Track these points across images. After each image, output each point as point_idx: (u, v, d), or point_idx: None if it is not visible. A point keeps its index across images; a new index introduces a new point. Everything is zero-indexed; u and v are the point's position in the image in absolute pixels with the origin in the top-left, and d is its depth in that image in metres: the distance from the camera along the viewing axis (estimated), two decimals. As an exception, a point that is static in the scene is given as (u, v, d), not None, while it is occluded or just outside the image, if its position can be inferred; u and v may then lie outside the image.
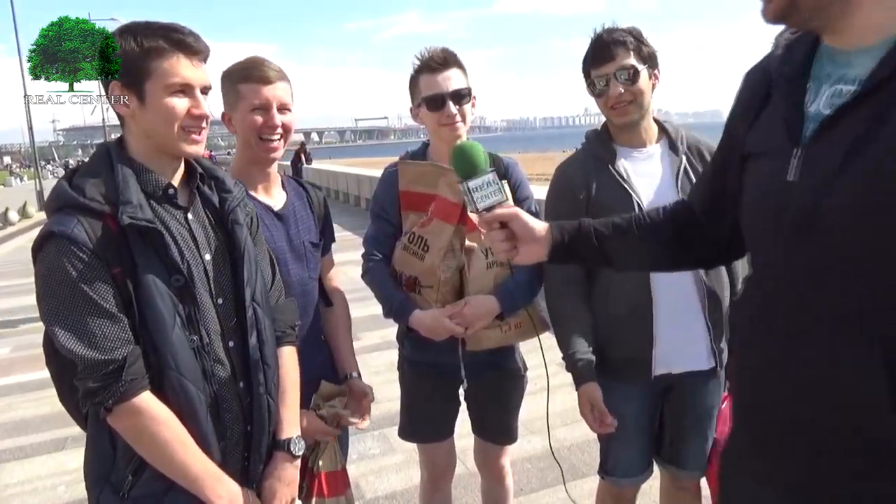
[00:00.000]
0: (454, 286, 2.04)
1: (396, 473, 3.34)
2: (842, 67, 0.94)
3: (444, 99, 1.98)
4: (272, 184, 1.88)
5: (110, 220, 1.26)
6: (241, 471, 1.43)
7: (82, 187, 1.26)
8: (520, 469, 3.23)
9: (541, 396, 3.95)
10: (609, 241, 1.33)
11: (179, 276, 1.31)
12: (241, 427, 1.43)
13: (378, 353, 4.98)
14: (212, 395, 1.35)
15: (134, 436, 1.28)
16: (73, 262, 1.22)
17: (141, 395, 1.26)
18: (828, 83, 0.95)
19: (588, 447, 3.40)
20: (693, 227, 1.31)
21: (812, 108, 0.96)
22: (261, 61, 1.75)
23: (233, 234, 1.44)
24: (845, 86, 0.92)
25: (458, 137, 2.05)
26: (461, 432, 2.33)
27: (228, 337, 1.41)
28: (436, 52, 2.02)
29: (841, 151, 0.88)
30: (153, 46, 1.27)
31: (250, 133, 1.75)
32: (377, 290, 2.10)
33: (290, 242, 1.84)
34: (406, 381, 2.28)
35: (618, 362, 1.92)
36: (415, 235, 2.02)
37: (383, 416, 3.94)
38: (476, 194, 1.33)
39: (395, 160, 2.20)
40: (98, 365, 1.23)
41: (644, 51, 1.83)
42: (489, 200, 1.32)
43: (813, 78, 0.98)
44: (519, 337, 2.14)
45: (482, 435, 2.32)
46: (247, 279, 1.43)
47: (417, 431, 2.29)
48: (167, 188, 1.36)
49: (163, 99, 1.29)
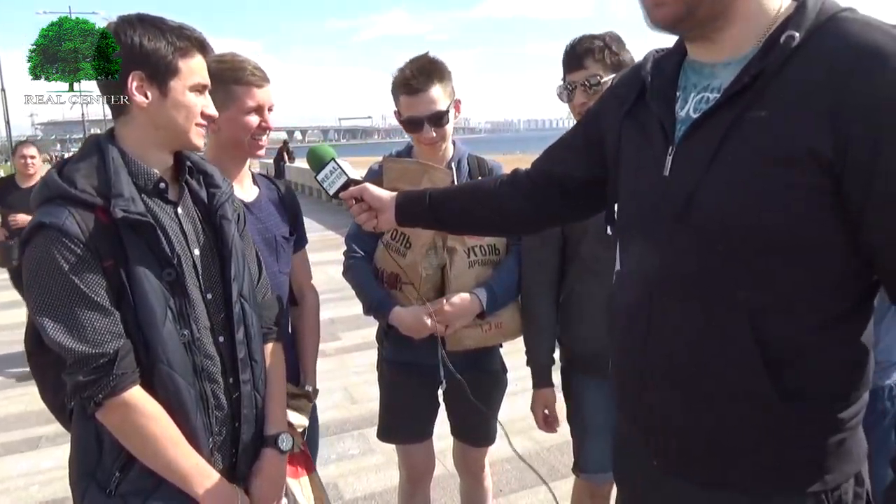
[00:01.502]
0: (436, 284, 2.04)
1: (376, 474, 3.33)
2: (706, 78, 1.06)
3: (422, 122, 1.98)
4: (244, 178, 1.90)
5: (101, 212, 1.25)
6: (228, 467, 1.43)
7: (73, 179, 1.26)
8: (499, 470, 3.23)
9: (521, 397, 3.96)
10: (439, 201, 1.49)
11: (171, 270, 1.31)
12: (229, 423, 1.43)
13: (359, 353, 4.95)
14: (201, 392, 1.35)
15: (123, 431, 1.28)
16: (65, 254, 1.21)
17: (131, 390, 1.25)
18: (694, 91, 1.08)
19: (567, 448, 3.39)
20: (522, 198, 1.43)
21: (682, 113, 1.08)
22: (248, 61, 1.78)
23: (221, 229, 1.44)
24: (710, 94, 1.04)
25: (439, 150, 2.06)
26: (440, 433, 2.33)
27: (218, 332, 1.41)
28: (414, 72, 1.97)
29: (708, 150, 0.99)
30: (185, 46, 1.33)
31: (243, 133, 1.78)
32: (358, 286, 2.09)
33: (261, 235, 1.84)
34: (385, 381, 2.26)
35: (587, 357, 1.94)
36: (397, 232, 2.02)
37: (363, 416, 3.94)
38: (325, 183, 1.59)
39: (379, 160, 2.20)
40: (88, 358, 1.21)
41: (613, 60, 1.84)
42: (336, 185, 1.57)
43: (680, 88, 1.11)
44: (499, 337, 2.14)
45: (461, 436, 2.32)
46: (234, 275, 1.43)
47: (396, 433, 2.28)
48: (158, 182, 1.36)
49: (185, 95, 1.34)
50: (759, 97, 0.95)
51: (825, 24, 0.93)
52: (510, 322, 2.11)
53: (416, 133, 2.01)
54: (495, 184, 1.49)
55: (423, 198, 1.50)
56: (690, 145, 1.04)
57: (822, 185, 0.90)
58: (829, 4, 0.96)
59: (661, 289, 1.08)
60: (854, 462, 1.04)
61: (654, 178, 1.09)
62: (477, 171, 2.13)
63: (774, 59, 0.94)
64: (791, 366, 0.98)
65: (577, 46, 1.87)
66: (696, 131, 1.03)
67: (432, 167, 2.02)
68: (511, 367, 2.31)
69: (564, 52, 1.90)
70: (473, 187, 1.65)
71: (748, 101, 0.96)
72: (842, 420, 1.00)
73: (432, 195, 1.50)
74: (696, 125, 1.03)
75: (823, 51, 0.91)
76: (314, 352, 2.04)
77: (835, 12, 0.94)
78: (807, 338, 0.97)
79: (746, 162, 0.95)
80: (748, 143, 0.95)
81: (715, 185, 0.98)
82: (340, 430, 3.82)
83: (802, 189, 0.91)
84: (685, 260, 1.04)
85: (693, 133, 1.04)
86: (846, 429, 1.01)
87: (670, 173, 1.06)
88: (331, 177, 1.58)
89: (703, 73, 1.07)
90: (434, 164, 2.03)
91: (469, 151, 2.17)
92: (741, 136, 0.96)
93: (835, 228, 0.93)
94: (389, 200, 1.53)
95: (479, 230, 1.73)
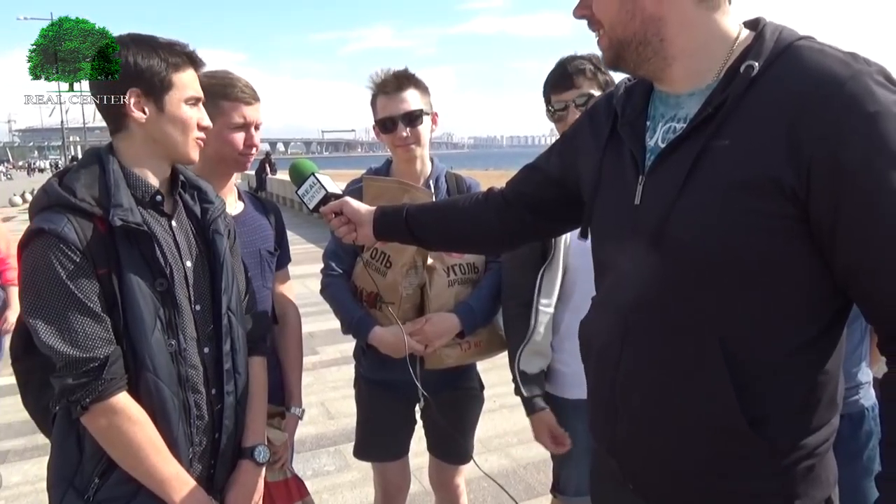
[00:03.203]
0: (415, 303, 2.04)
1: (351, 491, 3.30)
2: (672, 108, 1.08)
3: (396, 121, 2.01)
4: (229, 192, 1.90)
5: (99, 221, 1.29)
6: (206, 477, 1.44)
7: (73, 188, 1.29)
8: (476, 487, 3.22)
9: (499, 415, 3.97)
10: (415, 216, 1.51)
11: (163, 280, 1.34)
12: (209, 433, 1.44)
13: (336, 367, 4.93)
14: (185, 401, 1.37)
15: (107, 435, 1.29)
16: (62, 261, 1.24)
17: (118, 396, 1.27)
18: (662, 121, 1.10)
19: (544, 466, 3.41)
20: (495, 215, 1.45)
21: (651, 143, 1.10)
22: (237, 78, 1.80)
23: (213, 243, 1.48)
24: (677, 123, 1.06)
25: (413, 158, 2.08)
26: (416, 450, 2.32)
27: (204, 343, 1.43)
28: (389, 75, 2.04)
29: (676, 180, 1.01)
30: (177, 62, 1.37)
31: (228, 149, 1.78)
32: (336, 306, 2.08)
33: (245, 249, 1.82)
34: (362, 399, 2.26)
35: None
36: (377, 251, 2.02)
37: (340, 432, 3.90)
38: (305, 198, 1.62)
39: (361, 173, 2.20)
40: (78, 362, 1.24)
41: (603, 79, 1.87)
42: (315, 199, 1.60)
43: (650, 117, 1.13)
44: (478, 355, 2.15)
45: (437, 454, 2.31)
46: (224, 287, 1.47)
47: (372, 451, 2.27)
48: (155, 195, 1.39)
49: (181, 108, 1.38)
50: (722, 126, 0.97)
51: (783, 53, 0.96)
52: (489, 340, 2.12)
53: (391, 134, 2.02)
54: (471, 201, 1.51)
55: (400, 212, 1.52)
56: (659, 175, 1.06)
57: (787, 211, 0.92)
58: (787, 33, 0.98)
59: (633, 316, 1.09)
60: (823, 487, 1.04)
61: (625, 208, 1.10)
62: (455, 189, 2.15)
63: (735, 89, 0.96)
64: (760, 392, 0.98)
65: (567, 66, 1.88)
66: (664, 161, 1.05)
67: (413, 187, 2.03)
68: (488, 385, 2.31)
69: (553, 73, 1.91)
70: (449, 204, 1.68)
71: (712, 131, 0.98)
72: (810, 446, 1.01)
73: (409, 210, 1.52)
74: (663, 155, 1.05)
75: (782, 79, 0.94)
76: (298, 372, 2.02)
77: (792, 41, 0.97)
78: (777, 363, 0.98)
79: (713, 190, 0.96)
80: (713, 171, 0.97)
81: (684, 214, 0.99)
82: (316, 446, 3.78)
83: (768, 215, 0.92)
84: (657, 287, 1.05)
85: (661, 162, 1.05)
86: (815, 454, 1.02)
87: (641, 201, 1.08)
88: (311, 191, 1.61)
89: (668, 104, 1.10)
90: (414, 185, 2.04)
91: (447, 168, 2.19)
92: (707, 164, 0.98)
93: (804, 254, 0.94)
94: (368, 214, 1.56)
95: (454, 247, 1.74)
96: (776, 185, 0.91)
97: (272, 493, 1.73)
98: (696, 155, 0.98)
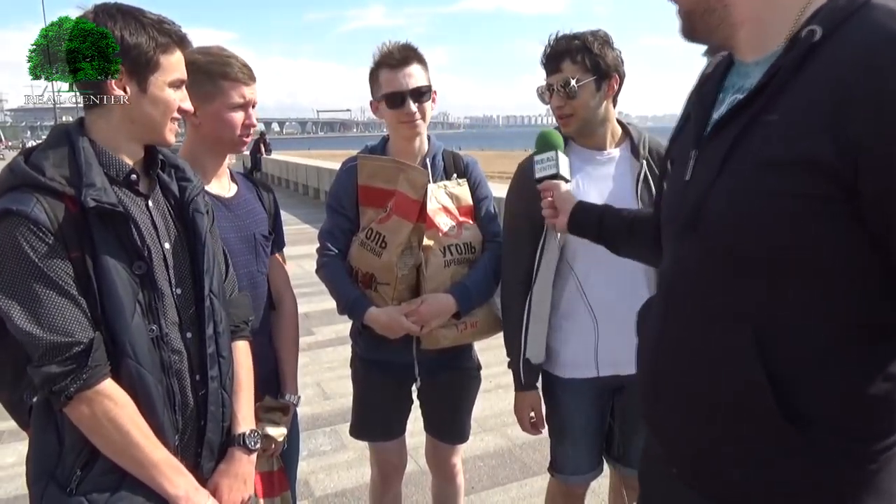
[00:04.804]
0: (411, 284, 2.02)
1: (347, 471, 3.31)
2: (742, 78, 1.02)
3: (405, 97, 1.96)
4: (223, 174, 1.86)
5: (70, 202, 1.22)
6: (193, 466, 1.40)
7: (41, 167, 1.23)
8: (472, 467, 3.24)
9: (495, 395, 3.98)
10: (609, 221, 1.53)
11: (142, 263, 1.29)
12: (195, 421, 1.40)
13: (332, 348, 4.92)
14: (169, 387, 1.33)
15: (94, 424, 1.24)
16: (32, 242, 1.18)
17: (104, 383, 1.23)
18: (731, 93, 1.04)
19: (540, 445, 3.43)
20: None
21: (716, 115, 1.04)
22: (236, 57, 1.74)
23: (194, 222, 1.43)
24: (740, 94, 0.99)
25: (418, 135, 2.04)
26: (413, 430, 2.32)
27: (186, 328, 1.39)
28: (396, 48, 1.99)
29: (722, 152, 0.95)
30: (166, 42, 1.32)
31: (227, 130, 1.73)
32: (332, 286, 2.06)
33: (239, 233, 1.80)
34: (359, 379, 2.25)
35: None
36: (373, 231, 2.00)
37: (336, 412, 3.91)
38: (537, 166, 1.69)
39: (356, 153, 2.17)
40: (60, 347, 1.19)
41: (593, 62, 1.80)
42: (544, 172, 1.67)
43: (723, 89, 1.07)
44: (475, 336, 2.14)
45: (434, 433, 2.31)
46: (206, 269, 1.42)
47: (369, 430, 2.27)
48: (130, 174, 1.34)
49: (164, 91, 1.33)
50: (774, 98, 0.89)
51: (853, 15, 0.84)
52: (485, 321, 2.11)
53: (398, 109, 1.97)
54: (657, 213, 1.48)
55: (595, 213, 1.57)
56: (708, 150, 1.00)
57: (831, 197, 0.83)
58: None
59: (673, 298, 1.06)
60: (885, 499, 0.95)
61: (679, 183, 1.06)
62: (452, 168, 2.12)
63: (791, 57, 0.88)
64: (798, 386, 0.92)
65: (554, 47, 1.83)
66: (717, 135, 0.99)
67: (408, 166, 2.00)
68: (485, 365, 2.31)
69: (543, 53, 1.87)
70: (640, 215, 1.59)
71: (762, 104, 0.91)
72: (866, 451, 0.92)
73: (604, 213, 1.56)
74: (715, 128, 1.00)
75: (846, 46, 0.83)
76: (294, 359, 1.98)
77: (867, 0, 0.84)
78: (819, 359, 0.91)
79: (749, 170, 0.90)
80: (753, 149, 0.90)
81: (720, 194, 0.94)
82: (312, 426, 3.79)
83: (809, 200, 0.84)
84: (693, 270, 1.01)
85: (713, 137, 1.00)
86: (873, 461, 0.93)
87: (690, 178, 1.03)
88: (545, 163, 1.68)
89: (740, 73, 1.03)
90: (409, 163, 2.02)
91: (444, 147, 2.16)
92: (749, 141, 0.91)
93: (851, 243, 0.86)
94: (570, 204, 1.60)
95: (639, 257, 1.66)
96: (816, 167, 0.83)
97: (256, 482, 1.73)
98: (740, 130, 0.92)
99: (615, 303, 1.87)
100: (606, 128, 1.92)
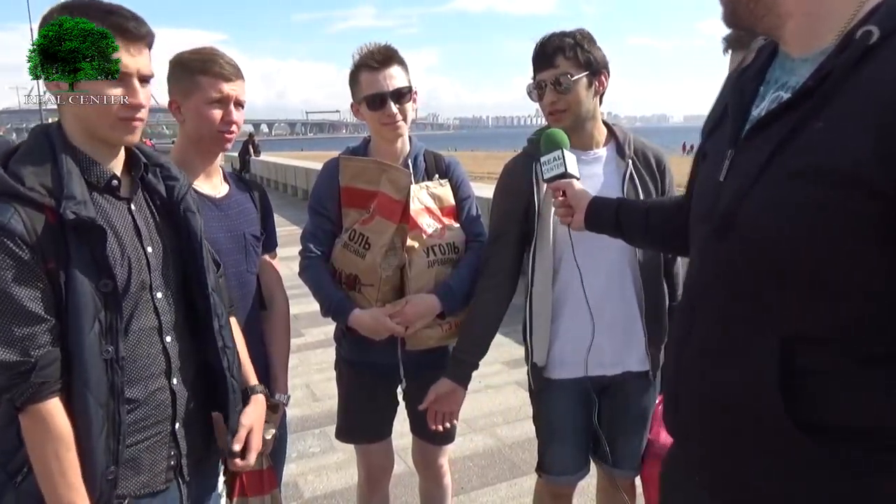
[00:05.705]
0: (395, 285, 2.02)
1: (336, 472, 3.30)
2: (787, 74, 0.96)
3: (385, 98, 1.95)
4: (214, 174, 1.85)
5: (50, 212, 1.20)
6: (167, 469, 1.40)
7: (21, 175, 1.20)
8: (461, 467, 3.24)
9: (483, 395, 3.98)
10: (625, 214, 1.53)
11: (108, 281, 1.25)
12: (169, 424, 1.40)
13: (321, 349, 4.92)
14: (114, 413, 1.28)
15: (29, 437, 1.23)
16: (3, 257, 1.16)
17: (49, 401, 1.21)
18: (773, 88, 0.97)
19: (529, 445, 3.43)
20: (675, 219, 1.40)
21: (756, 112, 0.98)
22: (220, 54, 1.73)
23: (187, 221, 1.42)
24: (784, 93, 0.93)
25: (400, 136, 2.04)
26: (401, 431, 2.31)
27: (166, 331, 1.37)
28: (376, 49, 1.98)
29: (762, 157, 0.89)
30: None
31: (205, 125, 1.72)
32: (315, 288, 2.05)
33: (229, 232, 1.80)
34: (344, 381, 2.24)
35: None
36: (356, 233, 1.99)
37: (325, 414, 3.90)
38: (545, 167, 1.71)
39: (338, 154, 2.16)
40: (9, 366, 1.18)
41: (585, 57, 1.81)
42: (552, 172, 1.69)
43: (765, 82, 1.00)
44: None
45: (421, 435, 2.30)
46: (206, 267, 1.43)
47: (355, 433, 2.26)
48: (111, 179, 1.32)
49: (95, 86, 1.24)
50: (821, 104, 0.83)
51: None
52: (470, 321, 2.10)
53: (378, 111, 1.97)
54: (673, 203, 1.49)
55: (612, 207, 1.57)
56: (746, 152, 0.95)
57: (871, 213, 0.79)
58: None
59: (699, 301, 1.03)
60: None
61: (711, 182, 1.01)
62: (434, 168, 2.12)
63: (845, 59, 0.81)
64: (822, 399, 0.89)
65: (547, 44, 1.83)
66: (756, 135, 0.94)
67: (390, 166, 2.00)
68: (471, 366, 2.30)
69: (534, 50, 1.87)
70: (656, 205, 1.64)
71: (809, 108, 0.85)
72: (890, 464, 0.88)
73: (620, 206, 1.57)
74: (755, 129, 0.94)
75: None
76: (285, 359, 1.99)
77: None
78: (842, 373, 0.88)
79: (788, 180, 0.85)
80: (794, 158, 0.85)
81: (756, 202, 0.89)
82: (301, 428, 3.78)
83: (848, 216, 0.80)
84: (722, 275, 0.97)
85: (752, 137, 0.95)
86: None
87: (725, 179, 0.98)
88: (552, 163, 1.70)
89: (785, 68, 0.97)
90: (392, 164, 2.01)
91: (425, 147, 2.15)
92: (791, 149, 0.85)
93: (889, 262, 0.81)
94: (585, 202, 1.60)
95: (657, 247, 1.71)
96: (859, 183, 0.78)
97: (245, 481, 1.72)
98: (784, 135, 0.86)
99: (609, 302, 1.88)
100: (593, 126, 1.93)
